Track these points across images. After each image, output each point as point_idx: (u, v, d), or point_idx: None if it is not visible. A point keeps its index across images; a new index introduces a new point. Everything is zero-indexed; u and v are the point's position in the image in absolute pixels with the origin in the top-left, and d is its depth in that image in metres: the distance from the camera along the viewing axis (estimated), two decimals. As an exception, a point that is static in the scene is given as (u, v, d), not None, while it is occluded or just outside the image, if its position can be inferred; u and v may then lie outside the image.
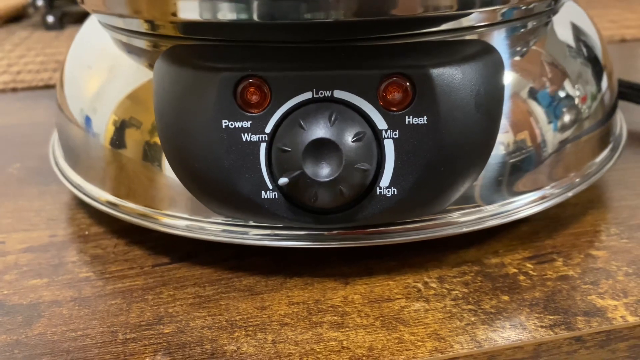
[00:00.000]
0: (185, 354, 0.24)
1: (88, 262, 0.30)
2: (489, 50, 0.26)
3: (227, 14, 0.25)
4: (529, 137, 0.30)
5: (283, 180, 0.23)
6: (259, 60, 0.25)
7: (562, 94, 0.32)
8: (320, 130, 0.23)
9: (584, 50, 0.35)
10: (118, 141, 0.31)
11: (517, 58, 0.31)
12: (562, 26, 0.34)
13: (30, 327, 0.26)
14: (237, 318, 0.26)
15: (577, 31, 0.36)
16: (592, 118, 0.34)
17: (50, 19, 0.80)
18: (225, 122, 0.24)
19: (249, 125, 0.24)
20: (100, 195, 0.32)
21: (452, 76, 0.24)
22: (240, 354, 0.24)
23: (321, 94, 0.24)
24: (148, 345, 0.24)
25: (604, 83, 0.35)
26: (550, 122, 0.31)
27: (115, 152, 0.31)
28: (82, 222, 0.34)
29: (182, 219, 0.29)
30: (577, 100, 0.33)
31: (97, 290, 0.28)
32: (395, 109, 0.24)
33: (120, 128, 0.31)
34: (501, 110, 0.26)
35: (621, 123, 0.40)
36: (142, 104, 0.31)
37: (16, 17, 0.88)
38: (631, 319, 0.25)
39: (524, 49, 0.31)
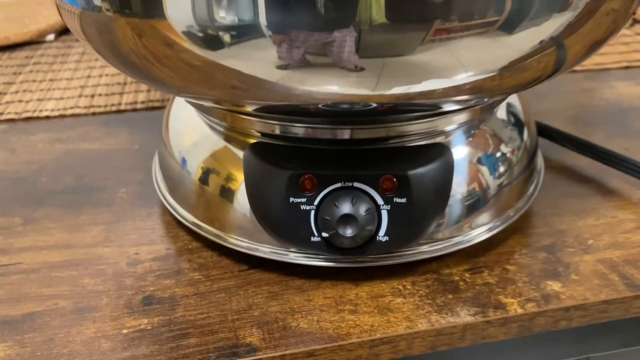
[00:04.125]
0: (269, 328, 0.43)
1: (197, 269, 0.48)
2: (445, 151, 0.44)
3: (292, 131, 0.43)
4: (477, 186, 0.48)
5: (325, 235, 0.41)
6: (312, 163, 0.42)
7: (498, 153, 0.50)
8: (346, 209, 0.41)
9: (512, 117, 0.53)
10: (204, 181, 0.49)
11: (470, 139, 0.48)
12: (500, 107, 0.52)
13: (175, 312, 0.44)
14: (295, 306, 0.44)
15: (508, 106, 0.54)
16: (520, 164, 0.52)
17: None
18: (291, 199, 0.42)
19: (304, 201, 0.42)
20: (189, 218, 0.50)
21: (421, 175, 0.42)
22: (299, 328, 0.43)
23: (347, 184, 0.42)
24: (247, 323, 0.43)
25: (525, 134, 0.53)
26: (491, 174, 0.50)
27: (202, 187, 0.49)
28: (185, 238, 0.52)
29: (244, 242, 0.47)
30: (508, 154, 0.51)
31: (207, 288, 0.46)
32: (388, 193, 0.42)
33: (206, 173, 0.49)
34: (450, 188, 0.44)
35: (541, 162, 0.58)
36: (219, 160, 0.49)
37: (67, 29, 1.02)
38: (520, 311, 0.43)
39: (476, 131, 0.49)
